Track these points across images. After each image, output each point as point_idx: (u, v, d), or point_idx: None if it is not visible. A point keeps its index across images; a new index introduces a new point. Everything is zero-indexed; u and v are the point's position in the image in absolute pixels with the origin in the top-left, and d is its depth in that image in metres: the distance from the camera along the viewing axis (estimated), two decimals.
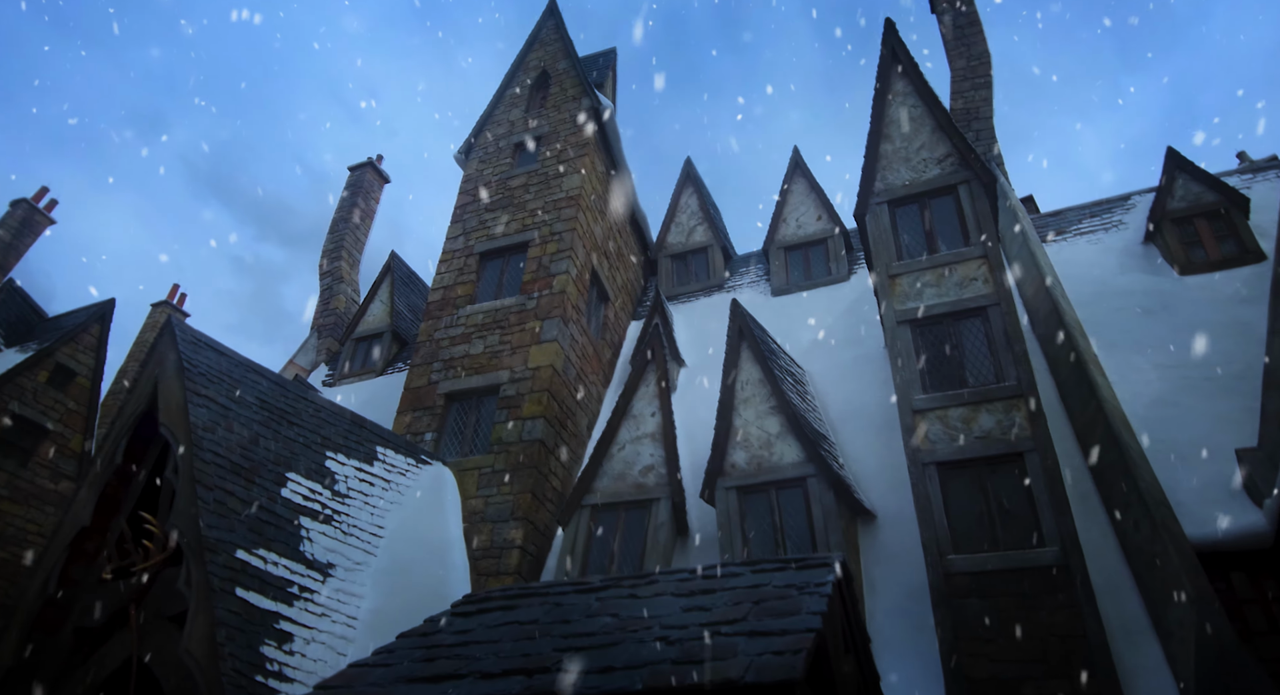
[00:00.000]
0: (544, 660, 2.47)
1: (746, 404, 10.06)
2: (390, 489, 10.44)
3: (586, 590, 3.27)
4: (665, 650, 2.46)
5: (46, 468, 16.25)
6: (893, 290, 8.99)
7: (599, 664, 2.40)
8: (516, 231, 13.87)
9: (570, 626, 2.77)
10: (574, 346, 12.70)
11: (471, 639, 2.74)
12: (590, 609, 2.89)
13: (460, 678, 2.37)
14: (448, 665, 2.48)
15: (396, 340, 19.48)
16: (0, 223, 22.65)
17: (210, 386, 8.72)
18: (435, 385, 12.70)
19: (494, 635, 2.72)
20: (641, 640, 2.55)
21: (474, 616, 3.05)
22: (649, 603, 2.96)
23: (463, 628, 2.94)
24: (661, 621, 2.73)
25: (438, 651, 2.69)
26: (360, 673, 2.62)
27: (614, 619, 2.80)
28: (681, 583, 3.12)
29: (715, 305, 15.07)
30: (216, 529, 7.43)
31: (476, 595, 3.32)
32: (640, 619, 2.77)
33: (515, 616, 2.96)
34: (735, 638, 2.49)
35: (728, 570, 3.18)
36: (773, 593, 2.78)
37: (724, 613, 2.69)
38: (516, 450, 11.23)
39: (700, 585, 3.03)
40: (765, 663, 2.29)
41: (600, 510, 10.26)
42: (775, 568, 3.20)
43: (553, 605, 2.99)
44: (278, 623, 7.42)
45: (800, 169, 15.33)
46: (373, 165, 24.68)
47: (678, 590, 3.04)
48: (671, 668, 2.32)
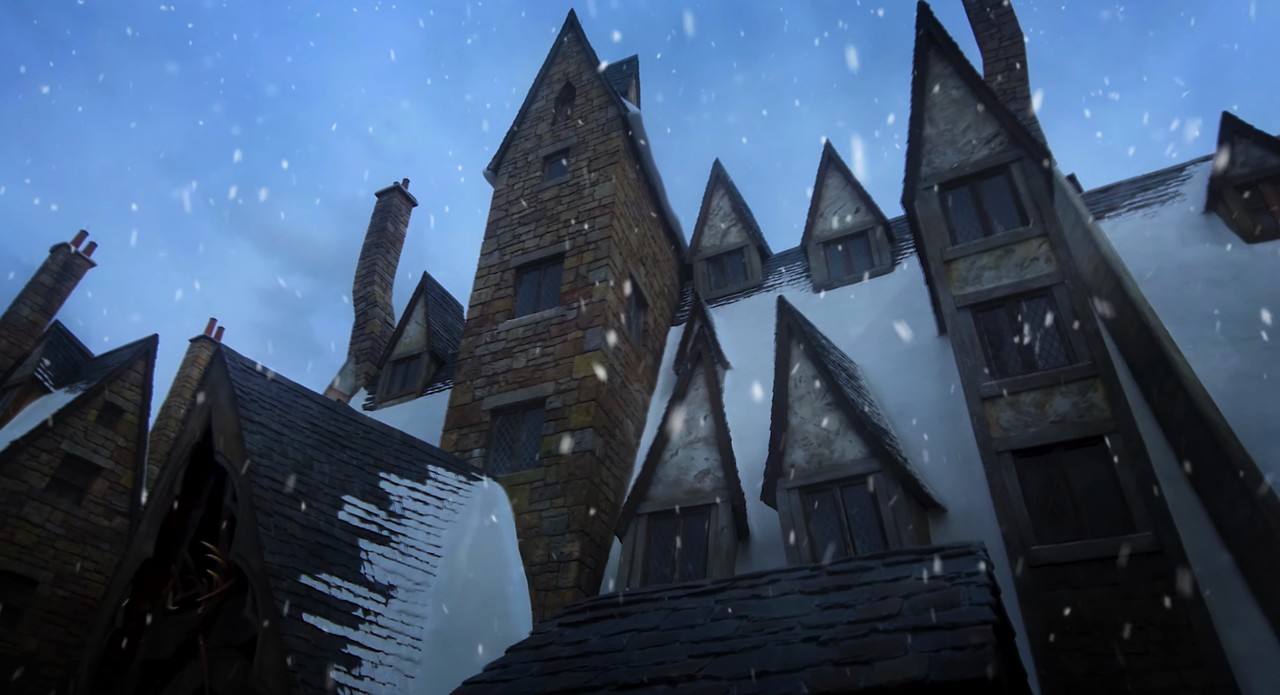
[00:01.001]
0: (685, 668, 2.28)
1: (801, 402, 9.81)
2: (444, 507, 10.33)
3: (701, 593, 3.07)
4: (820, 651, 2.26)
5: (100, 505, 16.44)
6: (949, 275, 8.71)
7: (749, 669, 2.21)
8: (551, 243, 13.78)
9: (698, 631, 2.58)
10: (617, 354, 12.54)
11: (591, 649, 2.56)
12: (713, 612, 2.70)
13: (595, 690, 2.19)
14: (576, 678, 2.30)
15: (434, 360, 19.48)
16: (43, 269, 23.14)
17: (263, 413, 8.68)
18: (480, 401, 12.60)
19: (615, 644, 2.54)
20: (786, 642, 2.35)
21: (585, 626, 2.87)
22: (777, 602, 2.76)
23: (577, 638, 2.75)
24: (801, 621, 2.52)
25: (558, 664, 2.52)
26: (478, 690, 2.45)
27: (745, 621, 2.61)
28: (807, 580, 2.92)
29: (755, 306, 14.84)
30: (279, 554, 7.35)
31: (580, 604, 3.14)
32: (775, 620, 2.57)
33: (632, 624, 2.77)
34: (897, 635, 2.28)
35: (856, 564, 2.97)
36: (921, 585, 2.57)
37: (871, 609, 2.49)
38: (567, 462, 11.07)
39: (830, 582, 2.82)
40: (949, 660, 2.08)
41: (657, 518, 10.05)
42: (911, 559, 2.98)
43: (669, 610, 2.80)
44: (345, 647, 7.30)
45: (834, 163, 15.08)
46: (399, 190, 24.85)
47: (805, 588, 2.84)
48: (835, 670, 2.12)
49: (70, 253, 23.44)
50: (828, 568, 3.06)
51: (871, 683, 2.05)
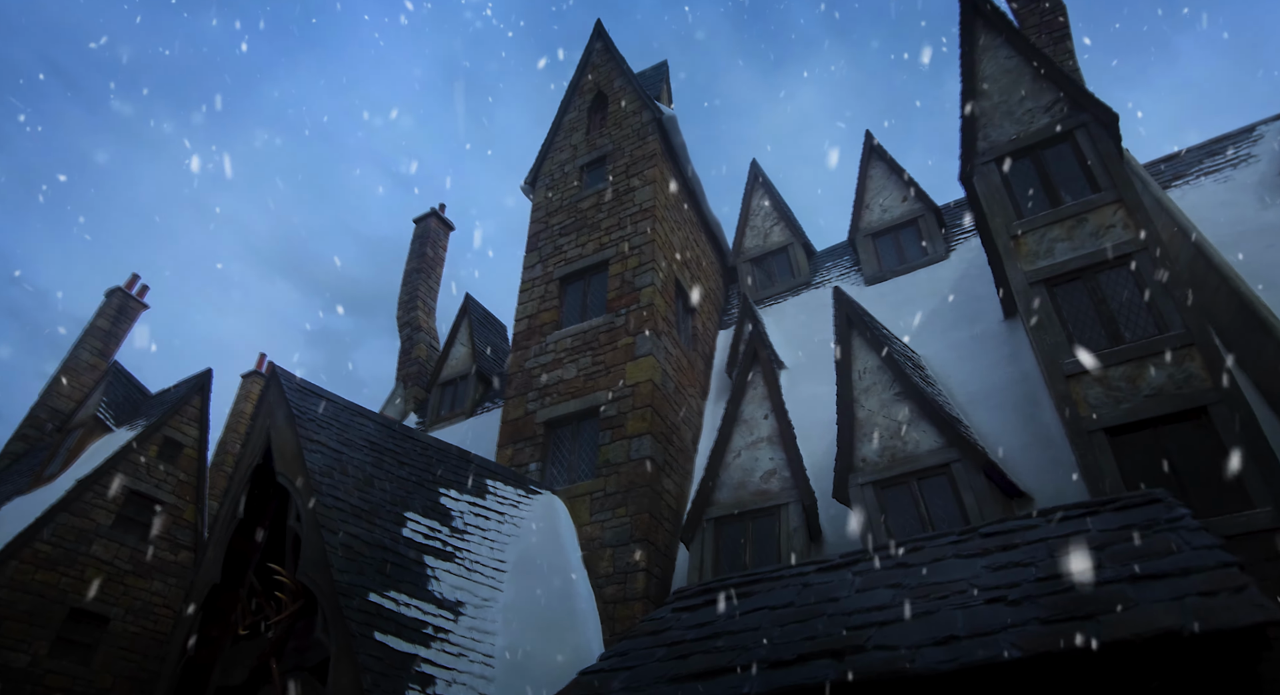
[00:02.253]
0: (846, 640, 2.02)
1: (868, 394, 9.43)
2: (505, 522, 10.14)
3: (831, 568, 2.79)
4: (1016, 611, 1.98)
5: (165, 540, 16.62)
6: (1018, 251, 8.30)
7: (928, 636, 1.94)
8: (594, 251, 13.63)
9: (844, 603, 2.31)
10: (669, 359, 12.29)
11: (720, 630, 2.31)
12: (855, 584, 2.43)
13: (743, 669, 1.94)
14: (713, 659, 2.05)
15: (481, 380, 19.44)
16: (99, 313, 23.78)
17: (321, 432, 8.61)
18: (533, 415, 12.43)
19: (748, 623, 2.28)
20: (965, 605, 2.08)
21: (702, 609, 2.62)
22: (932, 568, 2.48)
23: (698, 621, 2.50)
24: (973, 583, 2.25)
25: (686, 647, 2.27)
26: (600, 679, 2.20)
27: (899, 589, 2.34)
28: (958, 544, 2.64)
29: (805, 304, 14.49)
30: (347, 572, 7.20)
31: (690, 589, 2.88)
32: (937, 585, 2.30)
33: (760, 602, 2.51)
34: (1111, 587, 1.99)
35: (1014, 525, 2.68)
36: (1108, 537, 2.28)
37: (1058, 564, 2.20)
38: (626, 471, 10.81)
39: (990, 543, 2.54)
40: (1204, 607, 1.78)
41: (724, 523, 9.72)
42: (1082, 513, 2.67)
43: (800, 587, 2.54)
44: (418, 665, 7.10)
45: (877, 153, 14.72)
46: (436, 214, 25.04)
47: (960, 552, 2.56)
48: (1045, 628, 1.84)
49: (124, 295, 24.07)
50: (980, 530, 2.76)
51: (1108, 638, 1.75)
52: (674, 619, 2.53)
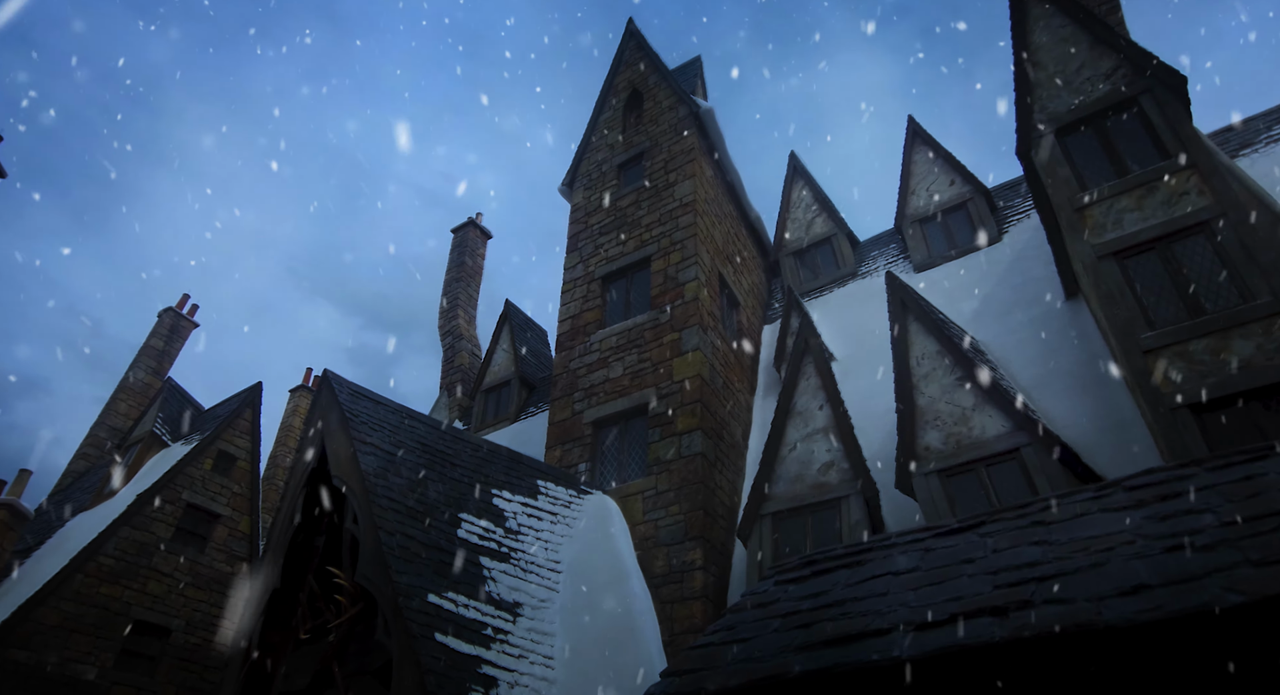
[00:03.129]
0: (1004, 597, 1.84)
1: (928, 380, 9.11)
2: (559, 522, 10.02)
3: (952, 532, 2.58)
4: (1212, 557, 1.77)
5: (222, 551, 16.86)
6: (1084, 224, 7.94)
7: (1114, 586, 1.75)
8: (635, 249, 13.49)
9: (983, 564, 2.12)
10: (716, 354, 12.08)
11: (841, 598, 2.12)
12: (990, 546, 2.23)
13: (883, 633, 1.76)
14: (845, 626, 1.87)
15: (524, 385, 19.42)
16: (153, 332, 24.36)
17: (374, 434, 8.57)
18: (580, 415, 12.31)
19: (871, 590, 2.10)
20: (1142, 554, 1.87)
21: (811, 579, 2.43)
22: (1078, 524, 2.27)
23: (809, 592, 2.32)
24: (1140, 534, 2.03)
25: (805, 616, 2.09)
26: (711, 652, 2.03)
27: (1048, 547, 2.14)
28: (1099, 499, 2.42)
29: (851, 295, 14.16)
30: (405, 574, 7.12)
31: (790, 562, 2.70)
32: (1096, 539, 2.09)
33: (880, 569, 2.32)
34: None
35: (1162, 476, 2.45)
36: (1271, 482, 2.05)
37: (1242, 509, 1.97)
38: (678, 468, 10.61)
39: (1142, 496, 2.31)
40: None
41: (782, 517, 9.46)
42: (1245, 459, 2.42)
43: (920, 552, 2.35)
44: (480, 667, 6.99)
45: (920, 137, 14.36)
46: (474, 224, 25.17)
47: (1106, 506, 2.34)
48: (1258, 571, 1.63)
49: (176, 315, 24.64)
50: (1122, 483, 2.54)
51: None
52: (780, 592, 2.35)
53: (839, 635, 1.83)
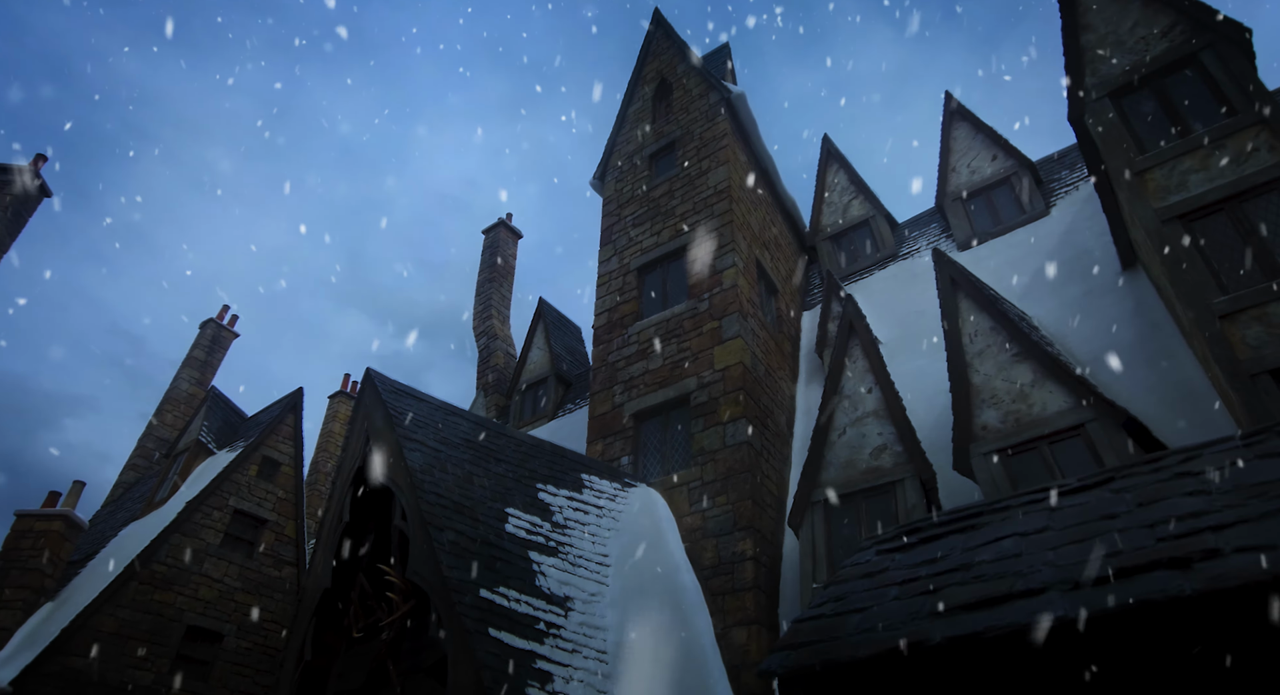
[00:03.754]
0: (1174, 549, 1.64)
1: (982, 357, 8.80)
2: (605, 515, 9.88)
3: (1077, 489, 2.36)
4: None
5: (270, 556, 17.01)
6: (1145, 189, 7.58)
7: None
8: (670, 239, 13.31)
9: (1130, 519, 1.91)
10: (757, 341, 11.85)
11: (964, 563, 1.94)
12: (1129, 501, 2.02)
13: (1033, 594, 1.58)
14: (983, 589, 1.69)
15: (561, 382, 19.35)
16: (195, 343, 24.73)
17: (419, 431, 8.51)
18: (620, 408, 12.16)
19: (1000, 551, 1.91)
20: None
21: (918, 547, 2.25)
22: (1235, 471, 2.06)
23: (924, 558, 2.13)
24: None
25: (927, 583, 1.91)
26: (826, 625, 1.86)
27: (1208, 497, 1.93)
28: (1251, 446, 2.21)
29: (894, 277, 13.83)
30: (456, 569, 7.03)
31: (888, 533, 2.51)
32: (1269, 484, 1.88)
33: (1003, 531, 2.13)
34: None
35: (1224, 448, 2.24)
36: None
37: None
38: (723, 457, 10.41)
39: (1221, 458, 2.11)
40: None
41: (834, 504, 9.21)
42: None
43: (1045, 513, 2.14)
44: (535, 662, 6.86)
45: (959, 113, 13.97)
46: (504, 224, 25.16)
47: (1262, 453, 2.13)
48: None
49: (217, 326, 25.01)
50: (1237, 439, 2.33)
51: None
52: (886, 560, 2.17)
53: (981, 598, 1.64)
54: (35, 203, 17.15)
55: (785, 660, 1.77)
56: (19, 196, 16.45)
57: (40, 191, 17.06)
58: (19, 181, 16.53)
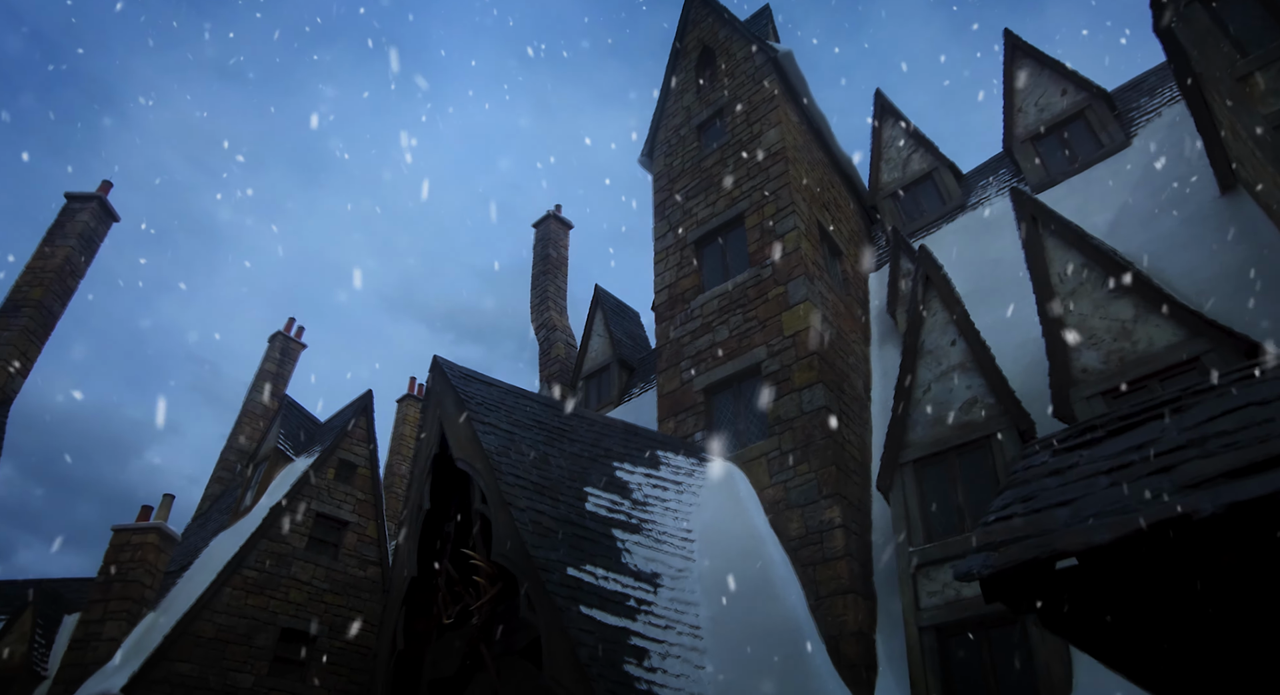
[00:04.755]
0: None
1: (1075, 297, 8.23)
2: (684, 491, 9.63)
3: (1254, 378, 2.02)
4: None
5: (354, 557, 17.30)
6: (1250, 93, 6.92)
7: None
8: (725, 208, 12.95)
9: None
10: (825, 304, 11.41)
11: (1189, 439, 1.65)
12: None
13: None
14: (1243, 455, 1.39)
15: (624, 368, 19.17)
16: (265, 357, 25.38)
17: (490, 414, 8.39)
18: (689, 384, 11.88)
19: (1240, 420, 1.61)
20: None
21: (1111, 439, 1.95)
22: None
23: (1130, 445, 1.86)
24: None
25: (1146, 465, 1.62)
26: (1026, 522, 1.57)
27: None
28: None
29: (964, 228, 13.19)
30: (541, 549, 6.87)
31: (1058, 434, 2.20)
32: None
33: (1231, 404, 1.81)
34: None
35: None
36: None
37: None
38: (801, 425, 10.04)
39: None
40: None
41: (924, 464, 8.77)
42: None
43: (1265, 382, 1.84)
44: (629, 639, 6.66)
45: (1020, 50, 13.20)
46: (554, 216, 25.08)
47: None
48: None
49: (285, 338, 25.63)
50: None
51: None
52: (1073, 457, 1.90)
53: (1247, 464, 1.34)
54: (105, 229, 17.76)
55: (989, 560, 1.50)
56: (90, 223, 17.03)
57: (108, 216, 17.65)
58: (89, 208, 17.13)
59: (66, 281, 16.58)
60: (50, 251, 16.52)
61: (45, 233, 16.86)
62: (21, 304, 15.78)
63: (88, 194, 17.53)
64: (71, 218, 17.12)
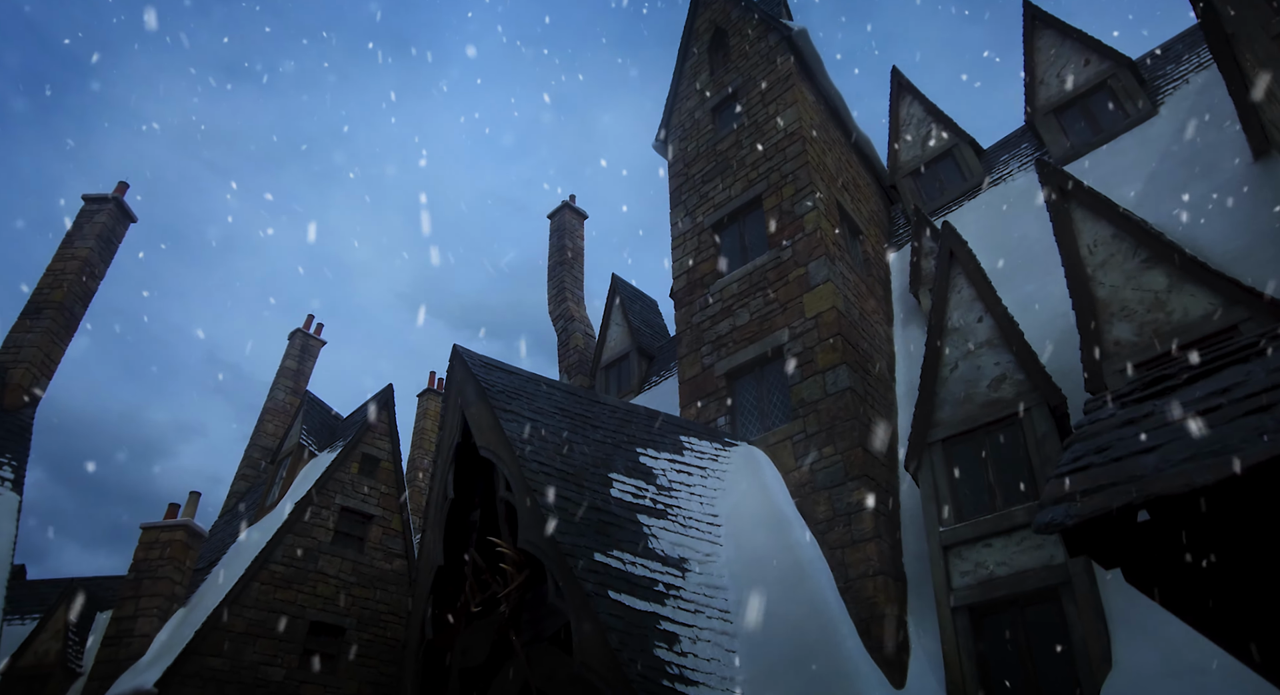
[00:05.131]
0: None
1: (1105, 268, 8.04)
2: (709, 476, 9.54)
3: None
4: None
5: (379, 550, 17.38)
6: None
7: None
8: (743, 190, 12.80)
9: None
10: (847, 284, 11.25)
11: (1267, 384, 1.53)
12: None
13: None
14: None
15: (643, 356, 19.10)
16: (286, 354, 25.52)
17: (512, 402, 8.34)
18: (710, 369, 11.77)
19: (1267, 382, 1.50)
20: None
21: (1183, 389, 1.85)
22: None
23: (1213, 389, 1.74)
24: None
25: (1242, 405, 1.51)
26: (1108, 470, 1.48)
27: None
28: None
29: (987, 205, 12.96)
30: (567, 535, 6.81)
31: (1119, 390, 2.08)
32: None
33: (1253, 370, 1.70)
34: None
35: None
36: None
37: None
38: (825, 407, 9.91)
39: None
40: None
41: (953, 443, 8.62)
42: None
43: None
44: (659, 623, 6.60)
45: (1041, 20, 12.91)
46: (569, 207, 24.97)
47: None
48: None
49: (305, 336, 25.76)
50: None
51: None
52: (1146, 407, 1.79)
53: None
54: (123, 230, 17.88)
55: (1072, 510, 1.39)
56: (108, 224, 17.14)
57: (125, 216, 17.77)
58: (106, 209, 17.24)
59: (86, 283, 16.72)
60: (69, 253, 16.66)
61: (64, 235, 17.00)
62: (43, 306, 15.93)
63: (104, 196, 17.65)
64: (89, 219, 17.24)
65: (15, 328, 15.63)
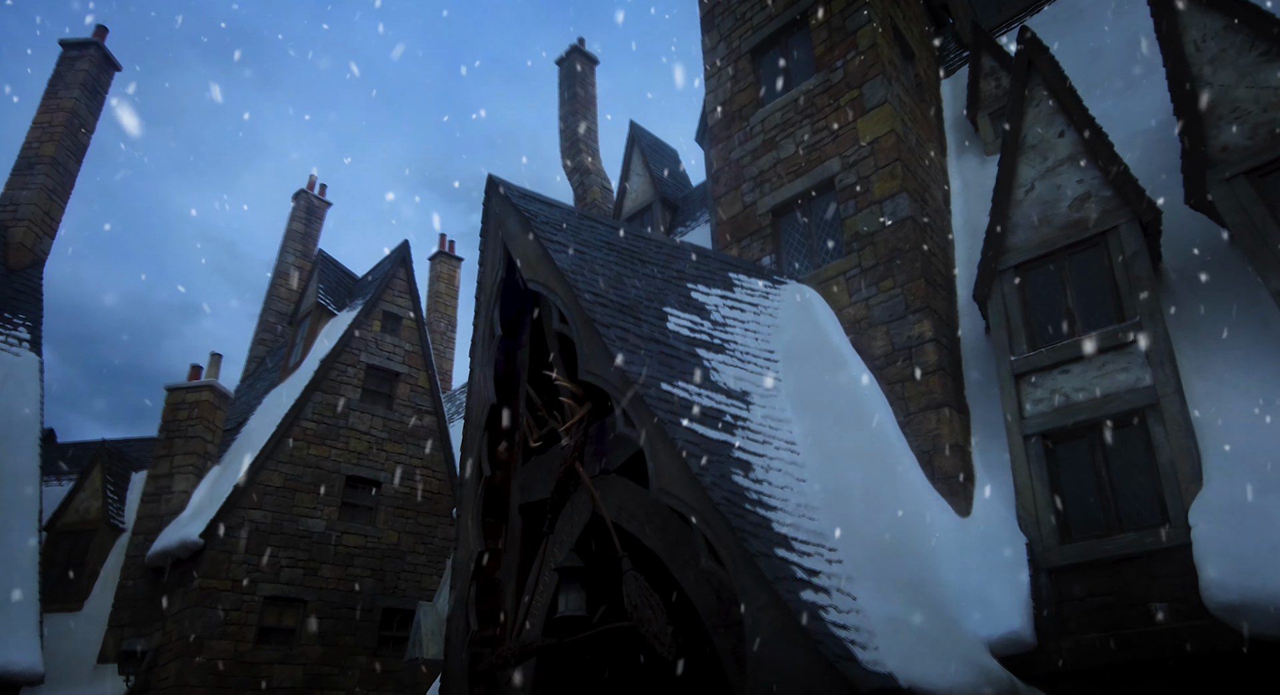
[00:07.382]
0: None
1: (1216, 65, 7.19)
2: (761, 313, 9.11)
3: None
4: None
5: (408, 406, 17.39)
6: None
7: None
8: (785, 7, 11.58)
9: None
10: (904, 108, 10.35)
11: None
12: None
13: None
14: None
15: (667, 207, 18.31)
16: (291, 216, 24.64)
17: (558, 234, 7.75)
18: (753, 206, 11.09)
19: None
20: None
21: None
22: None
23: None
24: None
25: None
26: None
27: None
28: None
29: (1052, 19, 11.77)
30: (634, 364, 6.44)
31: None
32: None
33: None
34: None
35: None
36: None
37: None
38: (883, 238, 9.33)
39: None
40: None
41: (1027, 268, 8.08)
42: None
43: None
44: (732, 452, 6.34)
45: None
46: (578, 51, 23.28)
47: None
48: None
49: (309, 196, 24.78)
50: None
51: None
52: None
53: None
54: (108, 78, 16.61)
55: None
56: (91, 72, 15.89)
57: (110, 65, 16.45)
58: (87, 55, 15.92)
59: (77, 136, 15.69)
60: (55, 104, 15.52)
61: (46, 85, 15.78)
62: (35, 161, 15.01)
63: (84, 40, 16.25)
64: (70, 67, 15.95)
65: (9, 185, 14.81)
